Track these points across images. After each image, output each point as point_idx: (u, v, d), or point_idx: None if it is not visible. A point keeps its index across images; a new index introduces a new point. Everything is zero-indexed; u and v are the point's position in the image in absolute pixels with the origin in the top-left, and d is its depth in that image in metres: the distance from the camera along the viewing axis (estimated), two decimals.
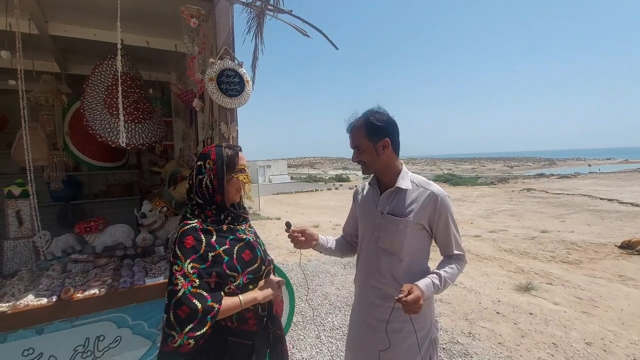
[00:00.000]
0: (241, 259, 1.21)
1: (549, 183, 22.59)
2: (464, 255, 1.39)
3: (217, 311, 1.08)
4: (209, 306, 1.07)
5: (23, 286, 1.65)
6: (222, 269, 1.15)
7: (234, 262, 1.19)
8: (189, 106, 2.57)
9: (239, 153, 1.31)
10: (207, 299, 1.09)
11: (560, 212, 10.83)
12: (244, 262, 1.22)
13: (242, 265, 1.21)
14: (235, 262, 1.19)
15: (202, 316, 1.05)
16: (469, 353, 2.91)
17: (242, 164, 1.30)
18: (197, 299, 1.07)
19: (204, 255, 1.14)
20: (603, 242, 6.67)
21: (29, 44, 2.16)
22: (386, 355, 1.34)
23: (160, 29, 2.60)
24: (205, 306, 1.07)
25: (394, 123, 1.37)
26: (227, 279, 1.16)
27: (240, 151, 1.32)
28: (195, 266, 1.11)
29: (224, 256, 1.18)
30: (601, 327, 3.32)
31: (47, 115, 2.80)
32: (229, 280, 1.17)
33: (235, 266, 1.19)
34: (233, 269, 1.18)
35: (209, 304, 1.08)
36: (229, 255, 1.19)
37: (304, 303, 3.98)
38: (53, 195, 3.59)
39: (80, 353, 1.58)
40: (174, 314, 1.04)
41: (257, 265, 1.25)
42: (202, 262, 1.13)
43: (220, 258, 1.17)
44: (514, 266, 5.43)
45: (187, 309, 1.04)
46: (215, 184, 1.23)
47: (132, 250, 2.24)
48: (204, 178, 1.23)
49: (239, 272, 1.19)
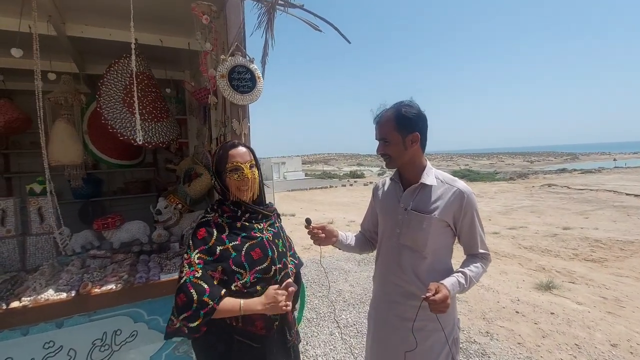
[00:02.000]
0: (249, 257, 1.21)
1: (572, 178, 21.81)
2: (488, 255, 1.35)
3: (211, 309, 1.09)
4: (203, 301, 1.08)
5: (44, 281, 1.70)
6: (228, 264, 1.16)
7: (242, 259, 1.19)
8: (203, 103, 2.58)
9: (228, 152, 1.26)
10: (205, 292, 1.09)
11: (584, 209, 10.44)
12: (252, 259, 1.21)
13: (250, 262, 1.20)
14: (243, 259, 1.19)
15: (195, 309, 1.07)
16: (486, 353, 2.84)
17: (235, 162, 1.25)
18: (195, 289, 1.09)
19: (212, 248, 1.16)
20: (630, 240, 6.39)
21: (48, 45, 2.22)
22: (411, 354, 1.31)
23: (173, 27, 2.62)
24: (200, 299, 1.08)
25: (424, 117, 1.32)
26: (234, 275, 1.16)
27: (234, 148, 1.27)
28: (202, 257, 1.14)
29: (232, 252, 1.18)
30: (628, 328, 3.17)
31: (67, 114, 2.87)
32: (236, 277, 1.16)
33: (243, 263, 1.18)
34: (240, 266, 1.18)
35: (204, 298, 1.08)
36: (237, 251, 1.19)
37: (319, 300, 3.98)
38: (74, 193, 3.70)
39: (99, 347, 1.62)
40: (175, 299, 1.10)
41: (266, 264, 1.24)
42: (209, 254, 1.15)
43: (228, 253, 1.17)
44: (534, 264, 5.27)
45: (185, 297, 1.08)
46: (217, 184, 1.27)
47: (148, 246, 2.28)
48: (213, 177, 1.29)
49: (246, 270, 1.18)
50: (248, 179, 1.25)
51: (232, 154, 1.26)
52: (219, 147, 1.31)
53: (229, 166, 1.24)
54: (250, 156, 1.30)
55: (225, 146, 1.29)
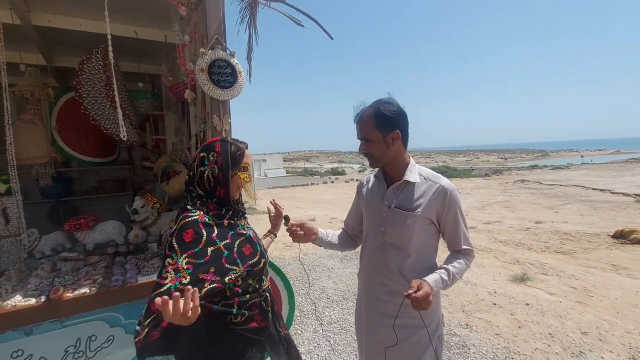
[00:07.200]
0: (241, 253, 1.19)
1: (543, 174, 22.79)
2: (472, 250, 1.36)
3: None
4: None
5: (11, 286, 1.60)
6: (220, 262, 1.12)
7: (234, 256, 1.16)
8: (181, 99, 2.50)
9: (245, 151, 1.28)
10: None
11: (554, 203, 10.94)
12: (244, 255, 1.19)
13: (242, 258, 1.18)
14: (236, 255, 1.17)
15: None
16: (466, 345, 2.92)
17: (246, 162, 1.28)
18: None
19: (202, 250, 1.10)
20: (596, 232, 6.75)
21: (11, 35, 2.07)
22: (392, 351, 1.32)
23: (149, 18, 2.51)
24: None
25: (404, 114, 1.31)
26: (228, 272, 1.12)
27: (246, 148, 1.30)
28: (190, 262, 1.06)
29: (224, 250, 1.14)
30: (596, 316, 3.35)
31: (34, 109, 2.71)
32: (230, 272, 1.13)
33: (236, 259, 1.16)
34: (233, 263, 1.15)
35: None
36: (229, 249, 1.16)
37: (302, 297, 3.97)
38: (43, 192, 3.50)
39: (72, 354, 1.54)
40: (147, 307, 1.02)
41: (256, 258, 1.24)
42: (199, 257, 1.08)
43: (220, 252, 1.13)
44: (509, 257, 5.47)
45: None
46: (221, 177, 1.19)
47: (124, 248, 2.19)
48: (206, 170, 1.19)
49: (239, 265, 1.16)
50: (250, 179, 1.29)
51: (247, 154, 1.28)
52: (232, 143, 1.26)
53: (243, 164, 1.26)
54: None
55: (241, 143, 1.29)
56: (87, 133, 2.92)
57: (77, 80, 2.20)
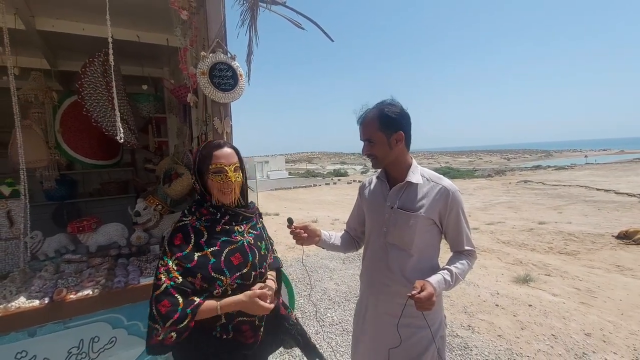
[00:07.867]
0: (229, 262, 1.16)
1: (546, 175, 22.67)
2: (474, 251, 1.37)
3: (197, 305, 1.07)
4: (189, 300, 1.07)
5: (15, 288, 1.61)
6: (207, 270, 1.11)
7: (221, 265, 1.14)
8: (183, 102, 2.52)
9: (213, 152, 1.20)
10: (189, 294, 1.09)
11: (558, 204, 10.87)
12: (232, 265, 1.17)
13: (229, 268, 1.16)
14: (222, 264, 1.15)
15: (183, 309, 1.05)
16: (468, 346, 2.91)
17: (219, 164, 1.19)
18: (179, 294, 1.07)
19: (189, 255, 1.12)
20: (600, 233, 6.69)
21: (16, 40, 2.10)
22: (395, 351, 1.32)
23: (151, 22, 2.54)
24: (185, 301, 1.06)
25: (407, 115, 1.32)
26: (214, 282, 1.12)
27: (219, 148, 1.22)
28: (180, 264, 1.10)
29: (210, 258, 1.14)
30: (600, 317, 3.33)
31: (38, 113, 2.74)
32: (217, 283, 1.12)
33: (222, 269, 1.14)
34: (219, 272, 1.13)
35: (189, 298, 1.08)
36: (216, 257, 1.15)
37: (304, 299, 3.97)
38: (47, 195, 3.54)
39: (75, 355, 1.55)
40: (155, 308, 1.05)
41: (246, 270, 1.20)
42: (187, 261, 1.11)
43: (207, 260, 1.13)
44: (512, 258, 5.44)
45: (169, 303, 1.04)
46: (198, 184, 1.22)
47: (126, 250, 2.20)
48: (193, 177, 1.23)
49: (226, 276, 1.14)
50: (231, 182, 1.19)
51: (216, 155, 1.20)
52: (202, 146, 1.26)
53: (212, 167, 1.18)
54: (235, 158, 1.24)
55: (209, 145, 1.24)
56: (90, 136, 2.95)
57: (79, 83, 2.22)
